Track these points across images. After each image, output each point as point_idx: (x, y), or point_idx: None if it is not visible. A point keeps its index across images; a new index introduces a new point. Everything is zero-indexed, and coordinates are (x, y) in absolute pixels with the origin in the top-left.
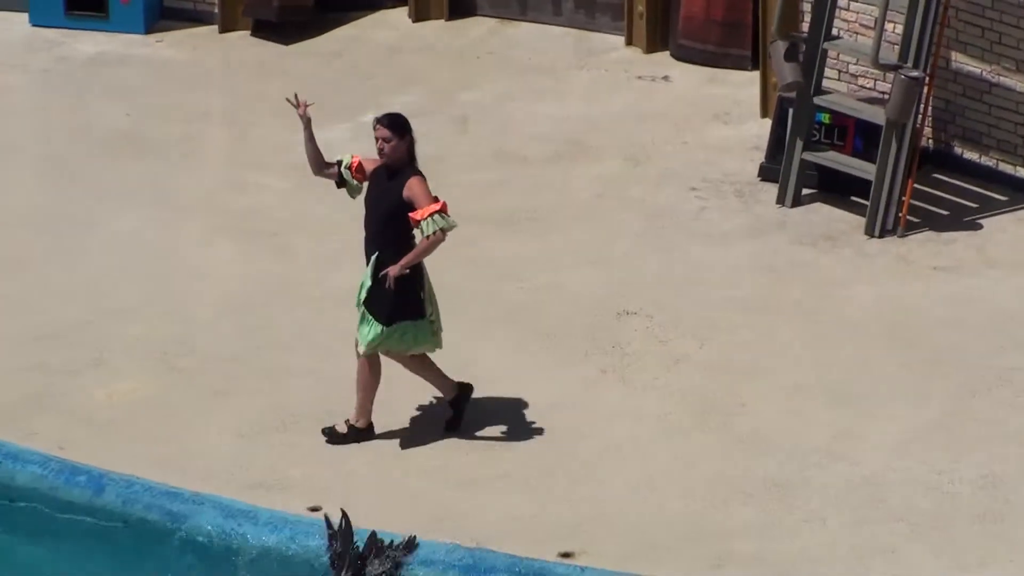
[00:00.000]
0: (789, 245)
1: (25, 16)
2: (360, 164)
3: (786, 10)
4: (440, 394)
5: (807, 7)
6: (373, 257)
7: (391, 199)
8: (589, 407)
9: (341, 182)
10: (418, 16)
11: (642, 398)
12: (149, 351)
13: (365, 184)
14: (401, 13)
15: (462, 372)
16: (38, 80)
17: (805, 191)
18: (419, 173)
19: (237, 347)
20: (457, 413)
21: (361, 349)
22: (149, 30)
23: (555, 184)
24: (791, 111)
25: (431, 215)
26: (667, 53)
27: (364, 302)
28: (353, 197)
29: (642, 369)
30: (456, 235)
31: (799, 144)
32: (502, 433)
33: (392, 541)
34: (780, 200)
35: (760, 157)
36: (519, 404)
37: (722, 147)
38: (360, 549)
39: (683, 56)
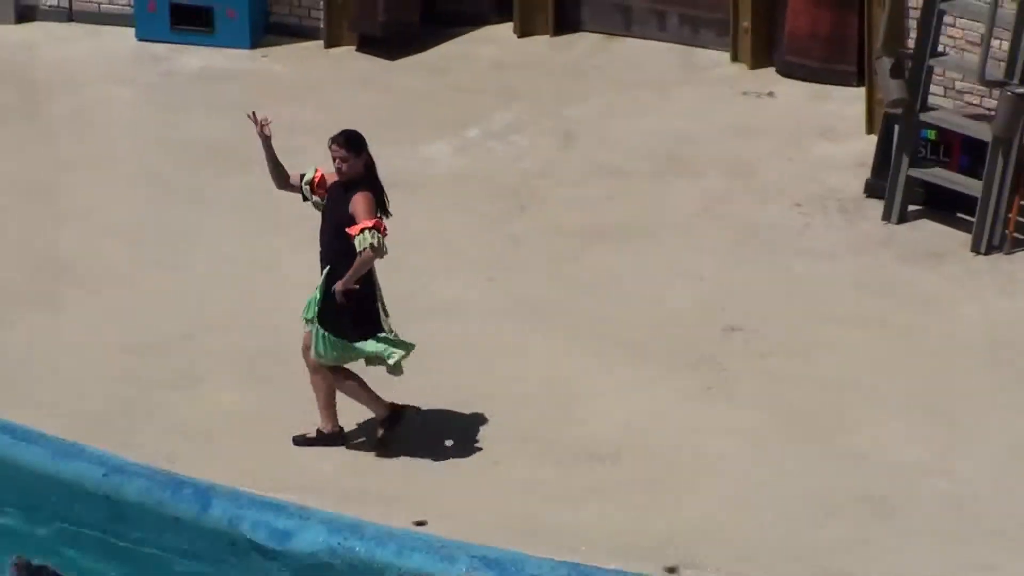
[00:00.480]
0: (894, 262)
1: (132, 31)
2: (323, 179)
3: (892, 26)
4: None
5: (913, 23)
6: (325, 271)
7: (341, 213)
8: (690, 422)
9: (306, 196)
10: (523, 32)
11: (743, 413)
12: (249, 363)
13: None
14: (506, 29)
15: (561, 386)
16: (144, 94)
17: (911, 207)
18: (370, 189)
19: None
20: (314, 441)
21: (319, 362)
22: (255, 45)
23: (659, 199)
24: (897, 127)
25: (362, 231)
26: (772, 69)
27: (320, 321)
28: (319, 210)
29: (744, 384)
30: (561, 249)
31: (905, 160)
32: (603, 447)
33: None
34: (886, 216)
35: (865, 173)
36: (620, 418)
37: (827, 163)
38: None
39: (788, 72)
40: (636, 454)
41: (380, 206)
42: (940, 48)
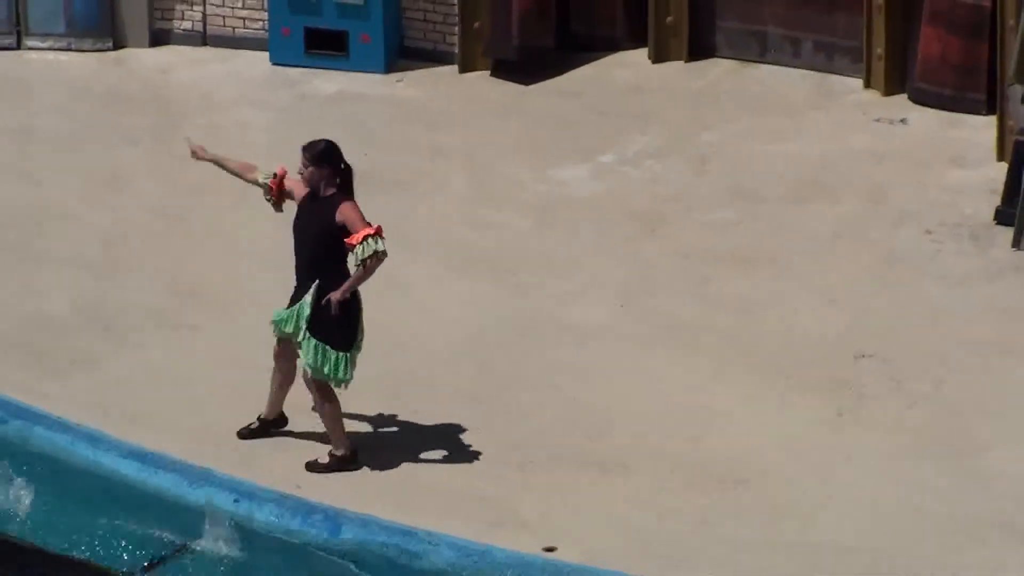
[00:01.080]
0: None
1: (266, 55)
2: (282, 181)
3: (1023, 55)
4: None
5: None
6: (314, 285)
7: (323, 225)
8: (825, 447)
9: (267, 198)
10: (658, 57)
11: (878, 439)
12: (384, 388)
13: (295, 206)
14: (641, 54)
15: (699, 411)
16: (279, 118)
17: None
18: (350, 198)
19: (471, 383)
20: (328, 467)
21: (342, 385)
22: (389, 69)
23: (793, 224)
24: None
25: (365, 239)
26: (905, 96)
27: (313, 333)
28: (276, 211)
29: (878, 410)
30: (693, 273)
31: None
32: (735, 470)
33: None
34: (1016, 243)
35: (996, 200)
36: (754, 443)
37: (958, 190)
38: None
39: (921, 99)
40: (768, 478)
41: None
42: None
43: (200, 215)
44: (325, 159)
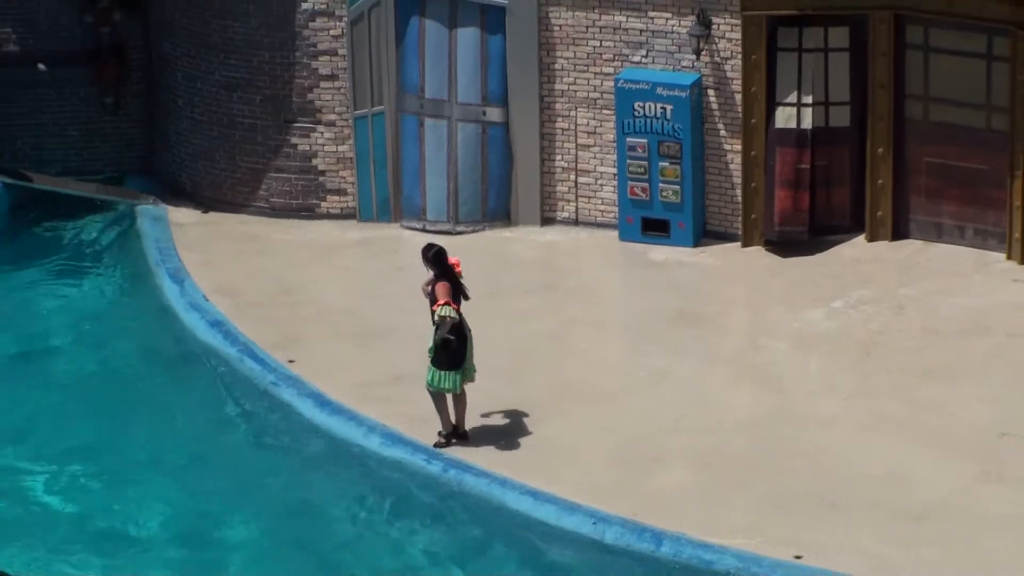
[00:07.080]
0: None
1: (616, 233)
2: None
3: None
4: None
5: None
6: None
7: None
8: (977, 494)
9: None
10: (872, 238)
11: (1014, 491)
12: (695, 454)
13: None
14: (861, 237)
15: (899, 472)
16: (624, 275)
17: None
18: (443, 280)
19: (751, 451)
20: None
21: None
22: (696, 244)
23: (963, 350)
24: None
25: (442, 307)
26: None
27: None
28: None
29: (1014, 472)
30: (896, 382)
31: None
32: (922, 509)
33: None
34: None
35: None
36: (936, 491)
37: None
38: None
39: None
40: (945, 513)
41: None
42: None
43: (572, 340)
44: (428, 257)
